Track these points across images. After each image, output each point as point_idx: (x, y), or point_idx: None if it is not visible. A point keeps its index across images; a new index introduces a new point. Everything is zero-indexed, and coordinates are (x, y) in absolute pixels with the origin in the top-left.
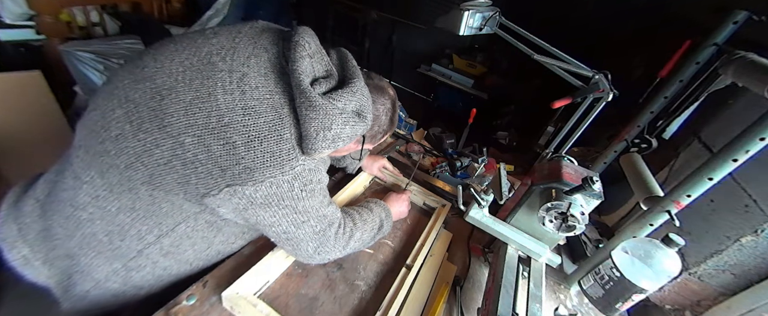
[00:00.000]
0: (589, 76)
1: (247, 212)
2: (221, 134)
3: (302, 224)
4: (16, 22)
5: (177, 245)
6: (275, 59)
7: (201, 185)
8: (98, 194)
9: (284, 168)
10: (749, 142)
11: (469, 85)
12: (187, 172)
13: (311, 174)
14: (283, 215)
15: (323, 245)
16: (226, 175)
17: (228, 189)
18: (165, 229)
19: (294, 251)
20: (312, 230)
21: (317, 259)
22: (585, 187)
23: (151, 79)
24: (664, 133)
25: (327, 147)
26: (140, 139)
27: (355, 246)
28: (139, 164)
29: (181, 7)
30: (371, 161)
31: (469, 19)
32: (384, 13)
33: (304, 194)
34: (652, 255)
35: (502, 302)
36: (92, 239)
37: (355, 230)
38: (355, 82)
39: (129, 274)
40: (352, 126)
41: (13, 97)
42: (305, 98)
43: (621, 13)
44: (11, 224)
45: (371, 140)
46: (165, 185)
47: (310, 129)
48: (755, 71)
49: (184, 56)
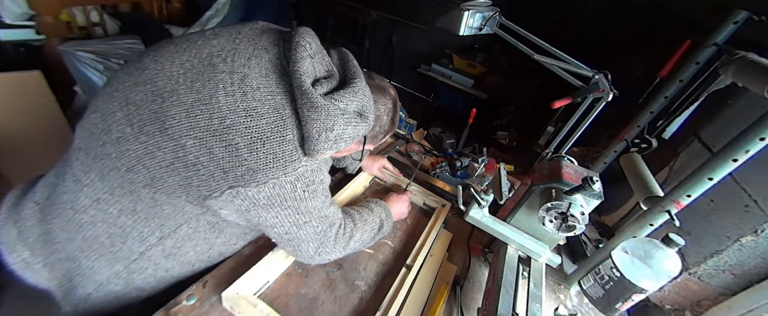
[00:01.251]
0: (589, 76)
1: (249, 213)
2: (223, 136)
3: (304, 224)
4: (16, 22)
5: (179, 247)
6: (276, 60)
7: (203, 187)
8: (99, 196)
9: (287, 169)
10: (749, 142)
11: (469, 85)
12: (189, 174)
13: (313, 175)
14: (285, 215)
15: (324, 246)
16: (228, 177)
17: (230, 191)
18: (167, 231)
19: (295, 251)
20: (313, 230)
21: (317, 259)
22: (585, 187)
23: (151, 81)
24: (664, 133)
25: (329, 148)
26: (142, 141)
27: (355, 246)
28: (141, 166)
29: (181, 7)
30: (371, 161)
31: (469, 19)
32: (384, 13)
33: (307, 195)
34: (652, 255)
35: (502, 302)
36: (93, 242)
37: (355, 230)
38: (357, 83)
39: (130, 276)
40: (353, 126)
41: (13, 97)
42: (307, 99)
43: (621, 13)
44: (11, 227)
45: (372, 141)
46: (167, 188)
47: (312, 130)
48: (755, 71)
49: (185, 58)
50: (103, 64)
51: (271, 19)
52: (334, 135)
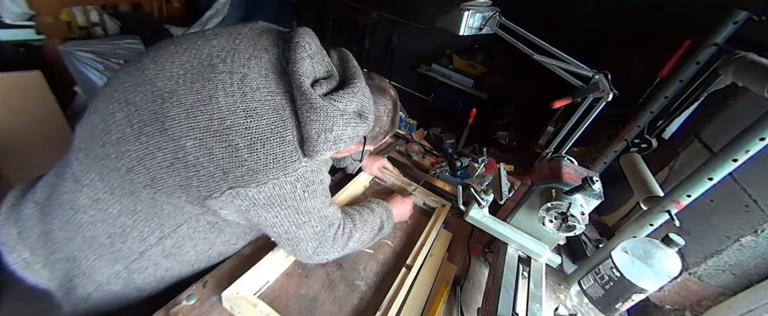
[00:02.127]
0: (589, 76)
1: (249, 212)
2: (223, 137)
3: (303, 224)
4: (16, 22)
5: (179, 247)
6: (275, 60)
7: (203, 188)
8: (99, 196)
9: (287, 170)
10: (749, 142)
11: (469, 85)
12: (189, 175)
13: (313, 175)
14: (285, 215)
15: (322, 245)
16: (228, 177)
17: (230, 191)
18: (167, 230)
19: (294, 250)
20: (312, 230)
21: (316, 259)
22: (585, 187)
23: (151, 82)
24: (664, 133)
25: (328, 149)
26: (142, 142)
27: (354, 247)
28: (141, 167)
29: (181, 7)
30: (371, 161)
31: (469, 19)
32: (384, 13)
33: (307, 195)
34: (652, 255)
35: (502, 302)
36: (93, 242)
37: (354, 230)
38: (356, 83)
39: (130, 276)
40: (353, 127)
41: (13, 97)
42: (306, 100)
43: (621, 13)
44: (11, 227)
45: (372, 141)
46: (167, 188)
47: (312, 131)
48: (755, 71)
49: (185, 58)
50: (103, 64)
51: (271, 20)
52: (333, 136)
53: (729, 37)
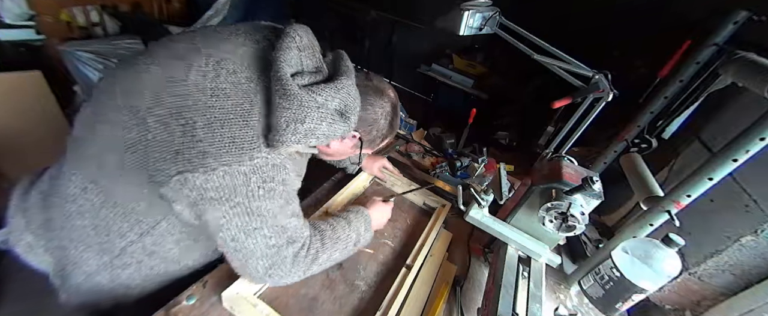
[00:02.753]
0: (589, 76)
1: (197, 207)
2: (183, 113)
3: (253, 231)
4: (16, 22)
5: (160, 244)
6: (262, 52)
7: (157, 173)
8: (86, 185)
9: (242, 157)
10: (749, 142)
11: (469, 85)
12: (146, 155)
13: (273, 171)
14: (233, 214)
15: (277, 267)
16: (178, 159)
17: (178, 177)
18: (145, 227)
19: (242, 267)
20: (265, 242)
21: (269, 281)
22: (585, 187)
23: (138, 64)
24: (664, 133)
25: (297, 141)
26: (113, 123)
27: (320, 269)
28: (111, 150)
29: (181, 7)
30: (371, 161)
31: (469, 19)
32: (384, 13)
33: (262, 193)
34: (652, 255)
35: (502, 302)
36: (82, 232)
37: (321, 251)
38: (342, 80)
39: (115, 271)
40: (329, 124)
41: (13, 97)
42: (280, 86)
43: (621, 13)
44: (20, 214)
45: (370, 145)
46: (130, 175)
47: (281, 119)
48: (755, 71)
49: (177, 46)
50: (103, 64)
51: (270, 19)
52: (304, 128)
53: (729, 37)
